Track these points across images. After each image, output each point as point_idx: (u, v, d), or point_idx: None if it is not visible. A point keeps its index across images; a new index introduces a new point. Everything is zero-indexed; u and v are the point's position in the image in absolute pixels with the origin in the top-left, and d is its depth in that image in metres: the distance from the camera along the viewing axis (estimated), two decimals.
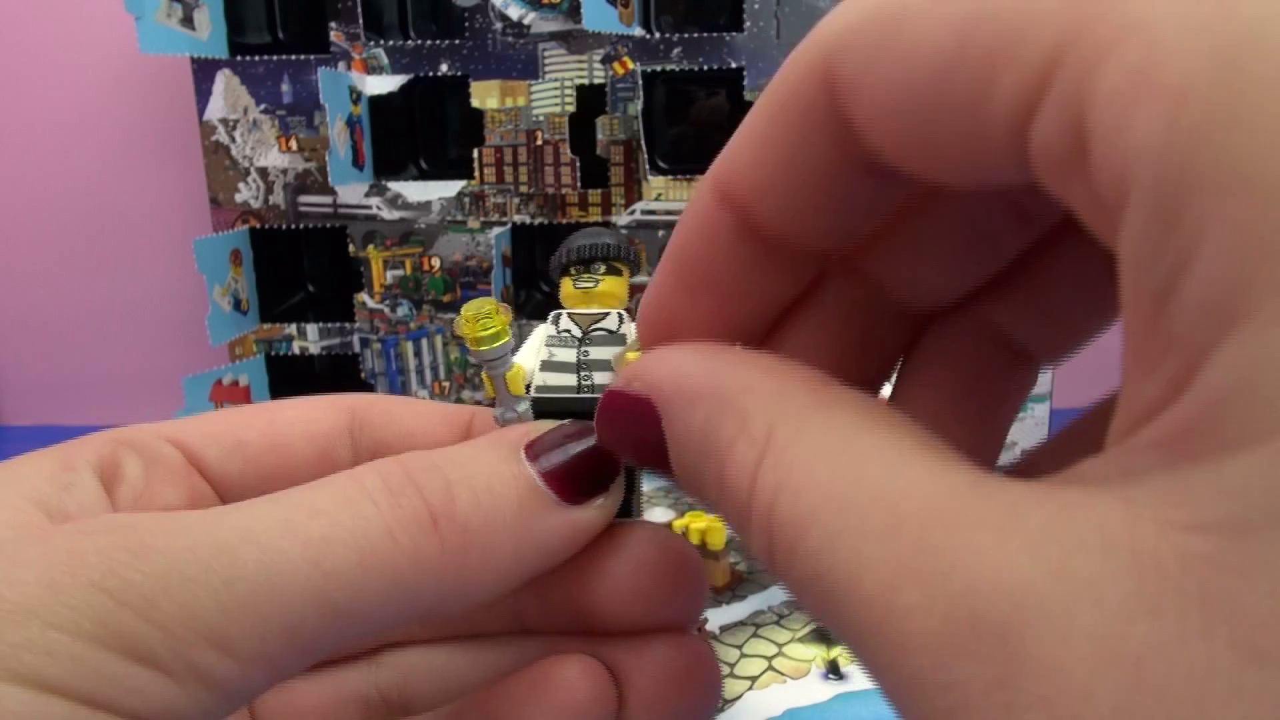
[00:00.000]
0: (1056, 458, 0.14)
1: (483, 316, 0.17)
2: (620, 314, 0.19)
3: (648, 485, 0.73)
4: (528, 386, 0.19)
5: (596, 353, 0.18)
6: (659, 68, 0.68)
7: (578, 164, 0.70)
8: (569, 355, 0.18)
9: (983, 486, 0.11)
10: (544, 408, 0.18)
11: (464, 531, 0.15)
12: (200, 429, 0.20)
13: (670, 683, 0.17)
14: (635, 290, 0.20)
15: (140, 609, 0.12)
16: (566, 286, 0.20)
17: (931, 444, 0.12)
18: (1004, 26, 0.11)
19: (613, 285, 0.19)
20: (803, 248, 0.16)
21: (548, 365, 0.19)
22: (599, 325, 0.19)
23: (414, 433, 0.20)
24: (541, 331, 0.19)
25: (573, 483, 0.16)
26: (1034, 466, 0.14)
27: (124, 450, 0.18)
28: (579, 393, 0.18)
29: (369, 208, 0.72)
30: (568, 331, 0.19)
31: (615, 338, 0.19)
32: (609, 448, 0.17)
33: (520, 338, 0.20)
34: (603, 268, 0.19)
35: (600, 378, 0.18)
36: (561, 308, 0.20)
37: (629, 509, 0.18)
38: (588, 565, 0.17)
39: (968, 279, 0.18)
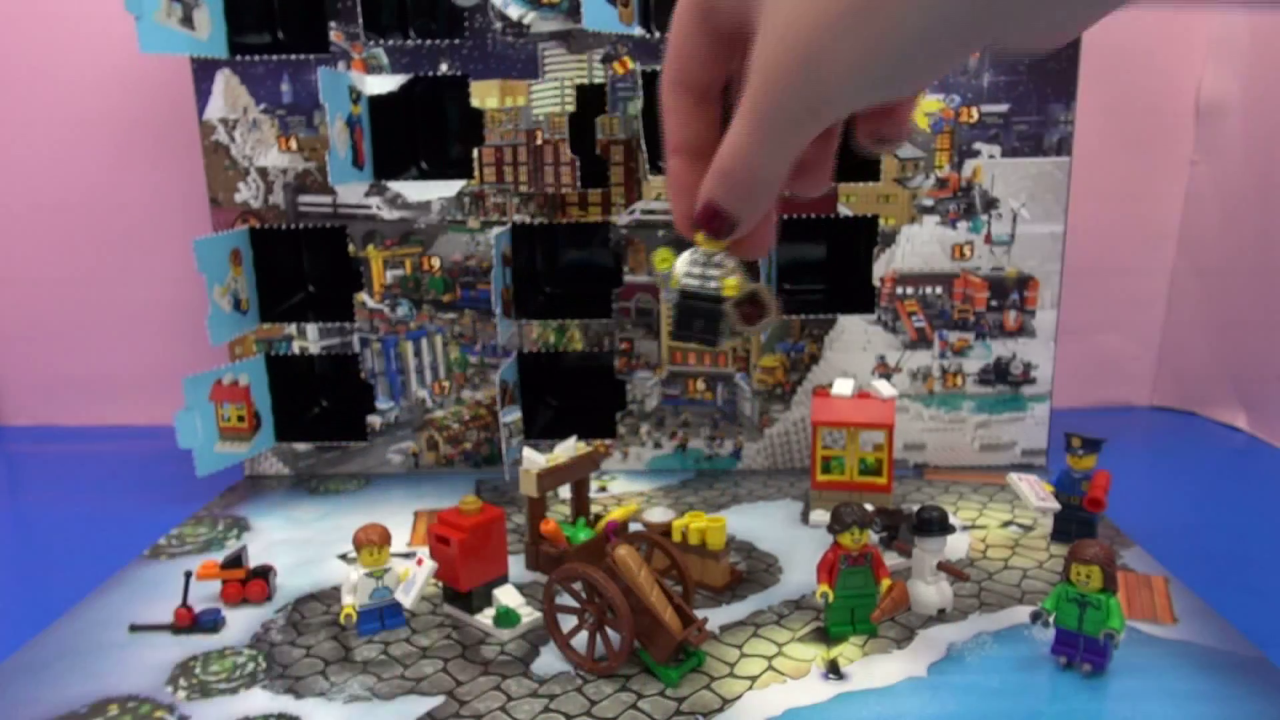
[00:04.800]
0: None
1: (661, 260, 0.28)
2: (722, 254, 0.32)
3: (648, 485, 0.74)
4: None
5: (711, 270, 0.32)
6: (659, 67, 0.68)
7: (578, 164, 0.70)
8: (699, 269, 0.32)
9: None
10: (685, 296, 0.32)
11: None
12: None
13: None
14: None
15: None
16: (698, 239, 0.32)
17: None
18: None
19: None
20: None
21: (688, 274, 0.32)
22: (714, 256, 0.32)
23: None
24: (687, 256, 0.32)
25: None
26: None
27: None
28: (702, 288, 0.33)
29: (369, 207, 0.72)
30: (697, 257, 0.32)
31: (715, 261, 0.32)
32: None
33: (520, 335, 0.21)
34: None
35: (712, 283, 0.32)
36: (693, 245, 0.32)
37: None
38: None
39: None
